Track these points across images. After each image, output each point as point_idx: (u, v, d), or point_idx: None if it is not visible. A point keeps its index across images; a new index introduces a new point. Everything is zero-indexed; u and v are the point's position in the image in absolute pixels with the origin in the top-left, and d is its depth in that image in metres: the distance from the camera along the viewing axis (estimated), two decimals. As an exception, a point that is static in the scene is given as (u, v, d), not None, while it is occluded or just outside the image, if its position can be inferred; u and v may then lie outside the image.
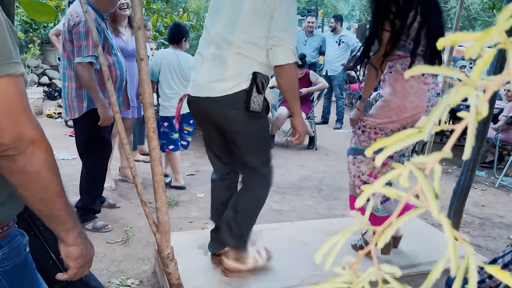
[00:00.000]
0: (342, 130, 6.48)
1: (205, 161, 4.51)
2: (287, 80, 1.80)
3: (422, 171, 0.34)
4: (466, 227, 3.35)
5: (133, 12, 1.45)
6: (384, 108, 2.12)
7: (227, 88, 1.77)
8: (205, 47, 1.86)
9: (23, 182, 0.80)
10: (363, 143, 2.21)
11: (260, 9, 1.71)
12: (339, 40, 6.44)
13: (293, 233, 2.60)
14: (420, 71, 0.33)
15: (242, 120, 1.81)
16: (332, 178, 4.31)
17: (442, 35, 2.12)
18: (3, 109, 0.74)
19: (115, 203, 3.15)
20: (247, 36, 1.74)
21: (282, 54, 1.73)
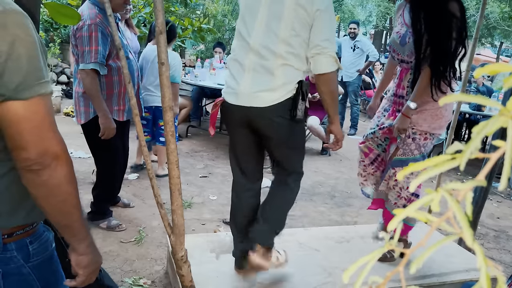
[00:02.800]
0: (356, 136, 6.44)
1: (218, 163, 4.54)
2: (330, 87, 1.83)
3: (455, 197, 0.34)
4: (480, 239, 3.31)
5: (155, 16, 1.47)
6: (437, 117, 2.17)
7: (275, 98, 1.79)
8: (244, 55, 1.85)
9: (44, 195, 0.85)
10: (415, 151, 2.21)
11: (301, 18, 1.73)
12: (354, 46, 6.41)
13: (304, 240, 2.60)
14: (457, 99, 0.33)
15: (288, 127, 1.85)
16: (345, 185, 4.29)
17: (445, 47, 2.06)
18: (32, 126, 0.79)
19: (129, 202, 3.17)
20: (290, 48, 1.76)
21: (326, 63, 1.76)
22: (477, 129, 0.33)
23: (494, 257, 3.06)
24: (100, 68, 2.46)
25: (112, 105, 2.62)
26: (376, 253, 0.39)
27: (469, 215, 0.33)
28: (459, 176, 4.98)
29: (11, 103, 0.77)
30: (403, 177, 0.36)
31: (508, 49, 12.59)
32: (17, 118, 0.78)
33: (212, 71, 5.39)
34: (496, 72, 0.32)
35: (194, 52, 9.05)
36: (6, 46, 0.76)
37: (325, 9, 1.72)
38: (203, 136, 5.49)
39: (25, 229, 0.92)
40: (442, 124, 2.18)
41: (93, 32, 2.40)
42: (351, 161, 5.09)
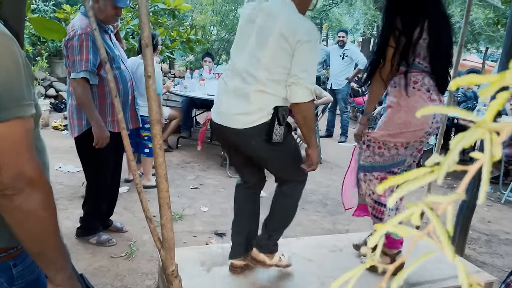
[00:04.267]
0: (347, 144, 6.47)
1: (209, 174, 4.52)
2: (303, 116, 1.89)
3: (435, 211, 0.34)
4: (472, 243, 3.32)
5: (141, 29, 1.47)
6: (389, 123, 2.12)
7: (250, 121, 1.86)
8: (230, 77, 1.93)
9: (17, 221, 0.81)
10: (368, 158, 2.20)
11: (282, 48, 1.79)
12: (343, 54, 6.47)
13: (297, 249, 2.58)
14: (431, 111, 0.33)
15: (265, 149, 1.91)
16: (337, 192, 4.28)
17: (448, 53, 2.13)
18: (7, 149, 0.76)
19: (122, 226, 3.03)
20: (270, 74, 1.82)
21: (300, 93, 1.81)
22: (454, 141, 0.32)
23: (486, 261, 3.07)
24: (90, 76, 2.43)
25: (105, 116, 2.57)
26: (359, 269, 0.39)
27: (449, 230, 0.33)
28: (450, 181, 5.02)
29: None
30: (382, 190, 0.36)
31: (494, 54, 12.79)
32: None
33: (201, 81, 5.40)
34: (472, 84, 0.32)
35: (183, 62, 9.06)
36: None
37: (307, 41, 1.76)
38: (194, 147, 5.47)
39: (8, 252, 0.89)
40: (393, 132, 2.09)
41: (83, 41, 2.40)
42: (342, 169, 5.10)
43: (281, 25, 1.77)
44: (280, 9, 1.82)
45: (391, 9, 2.06)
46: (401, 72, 2.06)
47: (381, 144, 2.15)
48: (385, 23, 2.08)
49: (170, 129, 5.11)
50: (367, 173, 2.22)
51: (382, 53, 2.06)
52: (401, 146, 2.11)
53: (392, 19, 2.02)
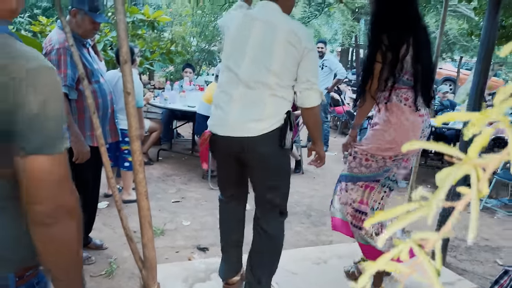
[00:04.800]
0: (328, 153, 6.50)
1: (191, 186, 4.48)
2: (316, 119, 1.97)
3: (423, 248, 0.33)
4: (453, 251, 3.36)
5: (119, 45, 1.45)
6: (378, 137, 2.14)
7: (264, 127, 1.84)
8: (233, 87, 1.89)
9: (51, 250, 0.84)
10: (354, 169, 2.22)
11: (291, 55, 1.83)
12: (322, 64, 6.53)
13: (282, 262, 2.55)
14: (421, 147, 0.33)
15: (275, 156, 1.91)
16: (320, 203, 4.30)
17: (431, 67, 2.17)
18: (52, 182, 0.81)
19: (102, 243, 2.96)
20: (281, 80, 1.85)
21: (315, 98, 1.88)
22: (440, 176, 0.32)
23: (467, 268, 3.11)
24: (69, 91, 2.39)
25: (84, 130, 2.52)
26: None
27: (438, 268, 0.32)
28: (430, 189, 5.08)
29: (33, 158, 0.78)
30: (369, 225, 0.35)
31: (468, 63, 13.16)
32: (38, 173, 0.79)
33: (182, 93, 5.36)
34: (455, 119, 0.32)
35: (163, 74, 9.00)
36: (37, 105, 0.77)
37: (312, 47, 1.87)
38: (175, 159, 5.42)
39: (33, 270, 0.91)
40: (382, 147, 2.12)
41: (61, 55, 2.36)
42: (324, 178, 5.13)
43: (286, 33, 1.82)
44: (274, 16, 1.87)
45: (377, 26, 2.09)
46: (390, 88, 2.07)
47: (368, 156, 2.17)
48: (371, 39, 2.10)
49: (150, 141, 5.05)
50: (350, 183, 2.24)
51: (370, 69, 2.08)
52: (389, 159, 2.13)
53: (379, 35, 2.05)
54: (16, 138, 0.77)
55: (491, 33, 2.84)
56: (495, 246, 3.57)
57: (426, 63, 2.10)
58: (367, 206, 2.23)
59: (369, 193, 2.20)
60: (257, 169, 1.96)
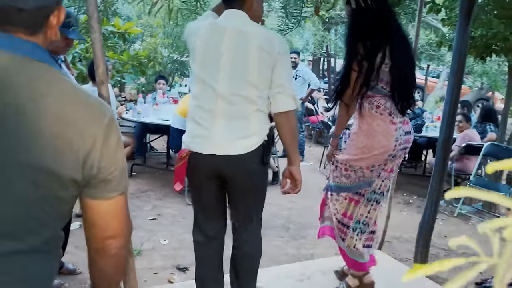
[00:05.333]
0: (304, 163, 6.51)
1: (167, 202, 4.35)
2: (290, 125, 1.85)
3: None
4: (432, 260, 3.38)
5: (96, 65, 1.37)
6: (352, 146, 2.15)
7: (251, 144, 1.78)
8: (211, 101, 1.79)
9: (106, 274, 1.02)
10: (336, 179, 2.23)
11: (264, 62, 1.77)
12: (295, 75, 6.55)
13: (265, 281, 2.50)
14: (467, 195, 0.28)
15: (259, 173, 1.87)
16: (299, 215, 4.26)
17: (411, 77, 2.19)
18: (128, 215, 0.96)
19: (75, 268, 2.80)
20: (260, 91, 1.78)
21: (288, 101, 1.80)
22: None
23: (448, 278, 3.14)
24: None
25: None
26: None
27: None
28: (406, 197, 5.16)
29: (120, 198, 0.91)
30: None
31: (434, 71, 13.59)
32: (121, 211, 0.92)
33: (155, 106, 5.25)
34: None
35: (134, 85, 8.82)
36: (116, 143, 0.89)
37: (284, 51, 1.81)
38: (149, 173, 5.28)
39: None
40: (356, 156, 2.12)
41: None
42: (302, 190, 5.10)
43: (257, 40, 1.76)
44: (244, 24, 1.81)
45: (353, 35, 2.10)
46: (364, 96, 2.09)
47: (347, 166, 2.17)
48: (348, 49, 2.12)
49: (128, 154, 4.90)
50: (334, 193, 2.24)
51: (346, 78, 2.09)
52: (366, 169, 2.13)
53: (354, 44, 2.06)
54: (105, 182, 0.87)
55: (463, 45, 2.90)
56: (472, 253, 3.61)
57: (405, 71, 2.11)
58: (350, 220, 2.22)
59: (354, 206, 2.20)
60: (239, 188, 1.89)
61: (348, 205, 2.20)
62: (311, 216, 4.19)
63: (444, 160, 2.99)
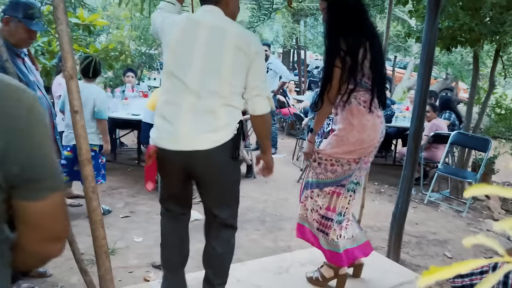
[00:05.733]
0: (277, 155, 6.52)
1: (140, 199, 4.25)
2: (265, 126, 1.88)
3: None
4: (405, 247, 3.47)
5: (64, 60, 1.29)
6: (341, 141, 2.16)
7: (218, 139, 1.74)
8: (180, 96, 1.76)
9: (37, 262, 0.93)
10: (320, 175, 2.23)
11: (240, 61, 1.74)
12: (267, 68, 6.53)
13: (243, 276, 2.49)
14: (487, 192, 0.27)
15: (229, 168, 1.83)
16: (274, 207, 4.27)
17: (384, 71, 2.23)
18: (63, 216, 0.84)
19: (45, 270, 2.69)
20: (233, 88, 1.76)
21: (264, 105, 1.82)
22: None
23: (420, 264, 3.22)
24: None
25: None
26: None
27: None
28: (377, 186, 5.26)
29: (55, 195, 0.80)
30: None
31: (401, 62, 13.88)
32: (56, 209, 0.81)
33: (125, 101, 5.11)
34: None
35: (101, 79, 8.56)
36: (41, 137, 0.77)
37: (260, 52, 1.80)
38: (120, 170, 5.15)
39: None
40: (347, 150, 2.14)
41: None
42: (276, 182, 5.11)
43: (234, 38, 1.74)
44: (221, 20, 1.78)
45: (334, 32, 2.10)
46: (349, 92, 2.10)
47: (333, 161, 2.19)
48: (329, 46, 2.11)
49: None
50: (316, 189, 2.24)
51: (329, 74, 2.09)
52: (354, 162, 2.17)
53: (336, 41, 2.06)
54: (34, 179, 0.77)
55: (432, 36, 2.96)
56: (443, 239, 3.73)
57: (380, 67, 2.16)
58: (333, 213, 2.24)
59: (337, 198, 2.23)
60: (209, 184, 1.87)
61: (331, 198, 2.23)
62: (286, 208, 4.21)
63: (416, 150, 3.05)
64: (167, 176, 1.94)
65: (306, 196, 2.30)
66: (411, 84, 10.64)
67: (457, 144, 4.90)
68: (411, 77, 11.43)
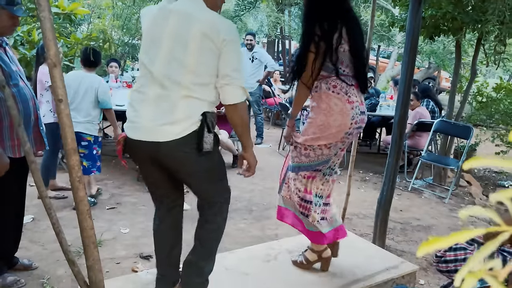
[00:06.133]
0: (263, 145, 6.54)
1: (125, 190, 4.22)
2: (239, 117, 1.80)
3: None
4: (390, 233, 3.53)
5: (47, 47, 1.26)
6: (310, 125, 2.19)
7: (177, 131, 1.69)
8: (147, 86, 1.73)
9: None
10: (295, 158, 2.27)
11: (207, 48, 1.67)
12: (252, 57, 6.51)
13: (231, 264, 2.50)
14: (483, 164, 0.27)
15: (193, 161, 1.76)
16: (261, 197, 4.29)
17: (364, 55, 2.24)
18: None
19: (31, 263, 2.66)
20: (196, 78, 1.69)
21: (235, 93, 1.74)
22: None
23: (405, 249, 3.29)
24: None
25: (3, 140, 2.22)
26: None
27: None
28: (362, 174, 5.32)
29: None
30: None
31: (385, 51, 13.97)
32: None
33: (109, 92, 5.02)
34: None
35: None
36: None
37: (232, 39, 1.71)
38: (104, 162, 5.06)
39: None
40: (315, 135, 2.16)
41: None
42: (262, 171, 5.12)
43: (202, 25, 1.67)
44: (193, 8, 1.72)
45: (310, 16, 2.11)
46: (322, 77, 2.11)
47: (307, 145, 2.20)
48: (304, 30, 2.12)
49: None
50: (293, 173, 2.28)
51: (303, 59, 2.09)
52: (325, 147, 2.19)
53: (311, 25, 2.07)
54: None
55: (415, 25, 2.98)
56: (426, 225, 3.81)
57: (359, 52, 2.16)
58: (311, 195, 2.27)
59: (311, 182, 2.27)
60: (178, 173, 1.85)
61: (307, 181, 2.27)
62: (273, 197, 4.22)
63: (400, 137, 3.09)
64: (139, 164, 1.93)
65: (289, 177, 2.34)
66: (395, 74, 10.74)
67: (440, 132, 4.98)
68: (395, 66, 11.53)
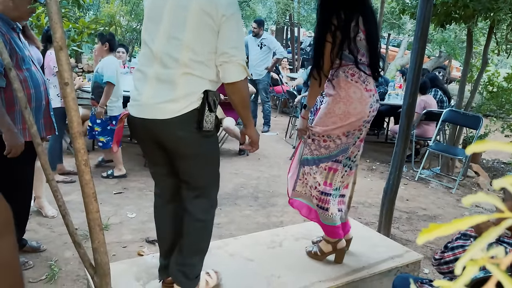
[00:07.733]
0: (270, 133, 6.53)
1: (132, 176, 4.26)
2: (240, 96, 1.76)
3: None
4: (395, 222, 3.53)
5: (53, 30, 1.26)
6: (329, 115, 2.15)
7: (178, 109, 1.67)
8: (147, 64, 1.73)
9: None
10: (315, 151, 2.23)
11: (205, 25, 1.64)
12: (260, 44, 6.47)
13: (236, 250, 2.52)
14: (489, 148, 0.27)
15: (194, 140, 1.73)
16: (267, 184, 4.30)
17: (378, 45, 2.22)
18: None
19: (39, 245, 2.71)
20: (195, 55, 1.66)
21: (234, 71, 1.69)
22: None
23: (410, 238, 3.29)
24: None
25: (15, 124, 2.25)
26: None
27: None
28: (369, 163, 5.30)
29: None
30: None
31: (395, 40, 13.80)
32: None
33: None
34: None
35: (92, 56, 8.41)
36: None
37: (231, 15, 1.66)
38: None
39: None
40: (334, 125, 2.13)
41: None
42: (269, 159, 5.13)
43: (200, 1, 1.63)
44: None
45: (326, 6, 2.08)
46: (339, 66, 2.09)
47: (326, 137, 2.19)
48: (320, 20, 2.09)
49: (84, 129, 4.71)
50: (314, 166, 2.25)
51: (320, 49, 2.07)
52: (343, 135, 2.17)
53: (328, 15, 2.04)
54: None
55: (427, 12, 2.93)
56: (432, 215, 3.80)
57: (374, 41, 2.14)
58: (331, 188, 2.26)
59: (333, 174, 2.25)
60: (176, 154, 1.80)
61: (328, 174, 2.25)
62: (279, 184, 4.24)
63: (408, 126, 3.06)
64: (141, 143, 1.93)
65: (303, 173, 2.31)
66: (404, 62, 10.61)
67: (449, 121, 4.93)
68: (405, 55, 11.38)
